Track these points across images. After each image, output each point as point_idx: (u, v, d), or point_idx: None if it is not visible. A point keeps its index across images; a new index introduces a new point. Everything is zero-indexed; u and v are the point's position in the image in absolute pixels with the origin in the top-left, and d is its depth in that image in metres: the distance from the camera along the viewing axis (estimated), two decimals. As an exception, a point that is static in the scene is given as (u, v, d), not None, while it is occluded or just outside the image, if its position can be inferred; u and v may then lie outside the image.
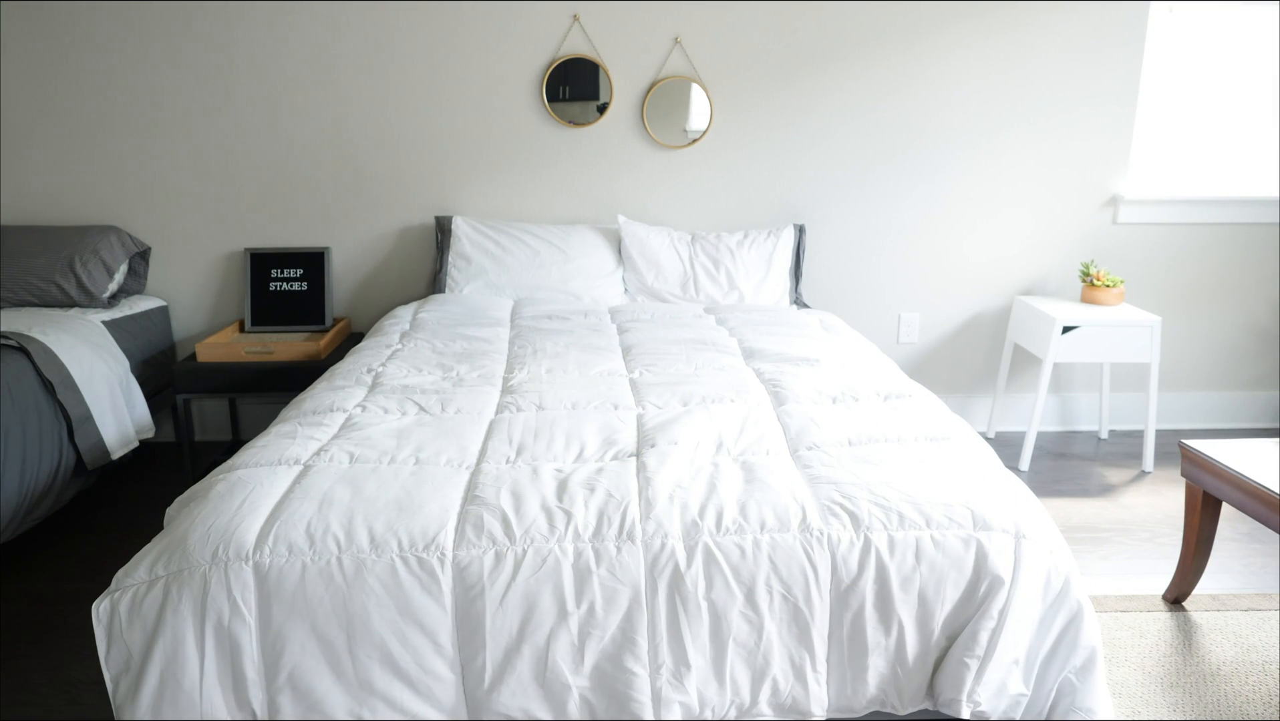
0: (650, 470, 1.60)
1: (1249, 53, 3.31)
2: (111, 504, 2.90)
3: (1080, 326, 3.04)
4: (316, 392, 2.06)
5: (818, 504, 1.50)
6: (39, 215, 3.21)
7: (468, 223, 3.16)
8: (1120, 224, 3.38)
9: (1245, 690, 1.93)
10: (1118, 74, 3.21)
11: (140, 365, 3.02)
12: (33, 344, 2.49)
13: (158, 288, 3.30)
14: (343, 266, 3.33)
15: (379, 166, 3.23)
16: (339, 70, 3.13)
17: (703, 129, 3.22)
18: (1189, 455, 2.19)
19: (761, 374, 2.14)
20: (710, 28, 3.14)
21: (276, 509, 1.49)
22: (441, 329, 2.57)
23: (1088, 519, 2.76)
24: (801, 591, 1.42)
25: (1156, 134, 3.37)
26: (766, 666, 1.43)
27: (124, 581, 1.41)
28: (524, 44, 3.13)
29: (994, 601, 1.43)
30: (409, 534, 1.43)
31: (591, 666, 1.41)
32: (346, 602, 1.38)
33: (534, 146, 3.23)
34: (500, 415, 1.91)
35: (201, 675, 1.38)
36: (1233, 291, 3.46)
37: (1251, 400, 3.56)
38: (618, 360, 2.26)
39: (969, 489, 1.55)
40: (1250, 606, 2.25)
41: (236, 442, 3.38)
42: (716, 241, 3.09)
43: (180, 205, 3.23)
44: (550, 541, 1.43)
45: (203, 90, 3.13)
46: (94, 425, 2.57)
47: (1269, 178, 3.40)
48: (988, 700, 1.45)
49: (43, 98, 3.11)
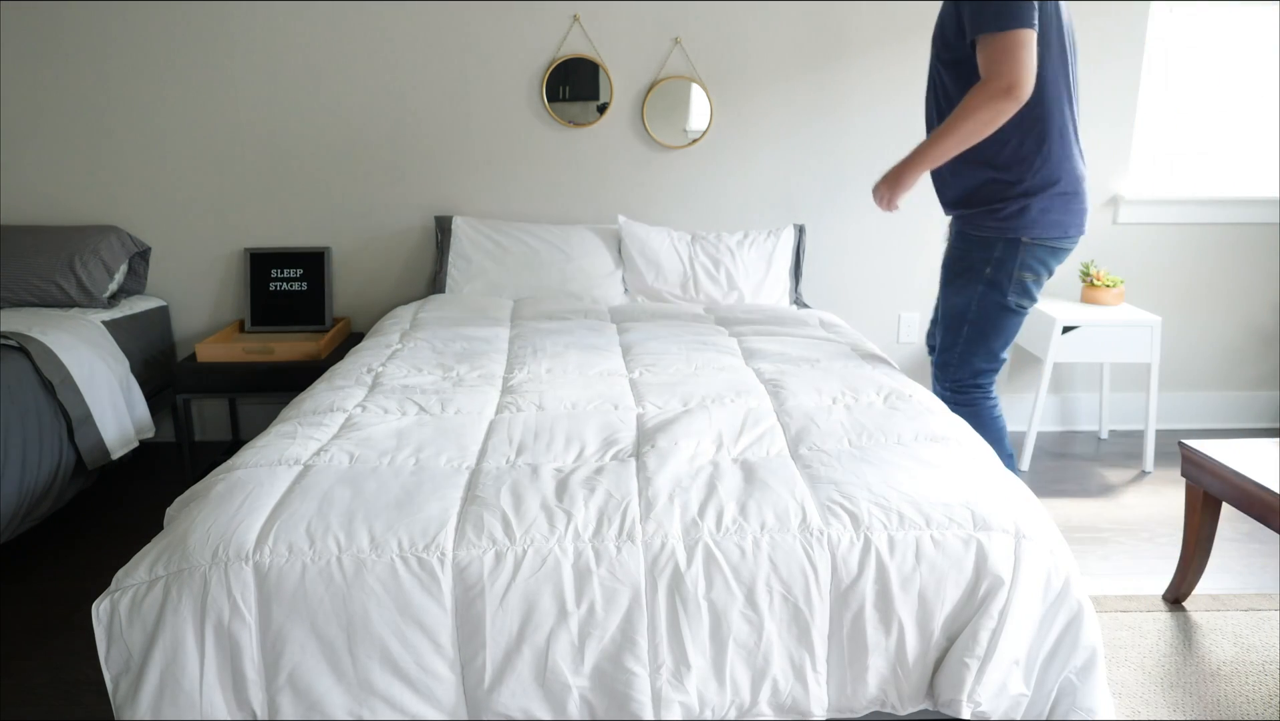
0: (650, 470, 1.60)
1: (1249, 53, 3.31)
2: (111, 504, 2.90)
3: (1080, 326, 3.04)
4: (316, 393, 2.06)
5: (818, 504, 1.50)
6: (39, 215, 3.21)
7: (468, 223, 3.16)
8: (1120, 224, 3.38)
9: (1245, 690, 1.93)
10: (1118, 74, 3.21)
11: (140, 365, 3.02)
12: (33, 344, 2.49)
13: (158, 288, 3.30)
14: (343, 266, 3.33)
15: (379, 166, 3.23)
16: (339, 70, 3.13)
17: (703, 129, 3.22)
18: (1189, 455, 2.19)
19: (761, 373, 2.14)
20: (710, 28, 3.14)
21: (276, 509, 1.49)
22: (441, 329, 2.57)
23: (1088, 519, 2.76)
24: (801, 591, 1.42)
25: (1156, 134, 3.37)
26: (766, 666, 1.43)
27: (124, 581, 1.41)
28: (524, 44, 3.13)
29: (994, 601, 1.43)
30: (409, 534, 1.43)
31: (591, 666, 1.41)
32: (346, 602, 1.38)
33: (534, 146, 3.23)
34: (500, 415, 1.91)
35: (201, 675, 1.38)
36: (1233, 291, 3.46)
37: (1251, 400, 3.56)
38: (618, 360, 2.26)
39: (969, 489, 1.55)
40: (1250, 606, 2.25)
41: (236, 442, 3.38)
42: (716, 241, 3.09)
43: (180, 205, 3.23)
44: (550, 541, 1.43)
45: (203, 90, 3.13)
46: (94, 425, 2.57)
47: (1269, 178, 3.40)
48: (988, 700, 1.45)
49: (43, 98, 3.11)
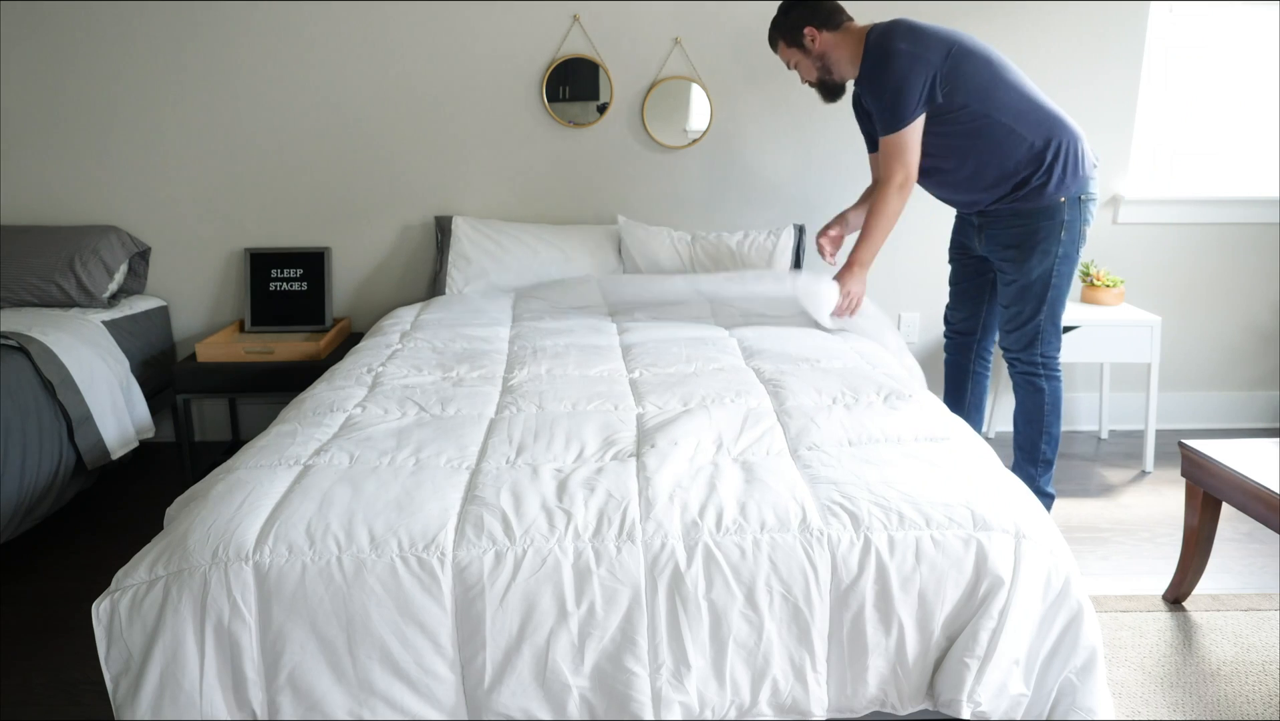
0: (650, 470, 1.60)
1: (1249, 53, 3.31)
2: (111, 504, 2.90)
3: (1080, 326, 3.04)
4: (316, 393, 2.06)
5: (818, 504, 1.50)
6: (39, 215, 3.21)
7: (468, 222, 3.16)
8: (1120, 224, 3.38)
9: (1245, 690, 1.93)
10: (1118, 74, 3.21)
11: (140, 365, 3.02)
12: (33, 344, 2.49)
13: (158, 288, 3.30)
14: (343, 266, 3.33)
15: (379, 166, 3.23)
16: (339, 70, 3.13)
17: (703, 129, 3.22)
18: (1189, 455, 2.19)
19: (762, 373, 2.14)
20: (710, 28, 3.14)
21: (276, 509, 1.49)
22: (441, 329, 2.57)
23: (1088, 519, 2.76)
24: (801, 591, 1.42)
25: (1156, 134, 3.37)
26: (766, 666, 1.43)
27: (124, 581, 1.41)
28: (524, 44, 3.13)
29: (994, 601, 1.43)
30: (409, 534, 1.43)
31: (591, 666, 1.41)
32: (346, 602, 1.38)
33: (534, 146, 3.23)
34: (500, 415, 1.91)
35: (201, 675, 1.38)
36: (1233, 291, 3.46)
37: (1251, 400, 3.56)
38: (618, 360, 2.26)
39: (969, 489, 1.55)
40: (1250, 606, 2.25)
41: (236, 442, 3.38)
42: (716, 241, 3.09)
43: (180, 205, 3.23)
44: (550, 541, 1.43)
45: (203, 90, 3.13)
46: (94, 425, 2.57)
47: (1269, 178, 3.40)
48: (988, 700, 1.45)
49: (43, 98, 3.11)
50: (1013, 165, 2.38)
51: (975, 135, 2.37)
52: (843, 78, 2.54)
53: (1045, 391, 2.54)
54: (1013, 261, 2.46)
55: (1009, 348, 2.57)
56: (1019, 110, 2.35)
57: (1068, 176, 2.37)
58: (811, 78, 2.57)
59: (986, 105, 2.34)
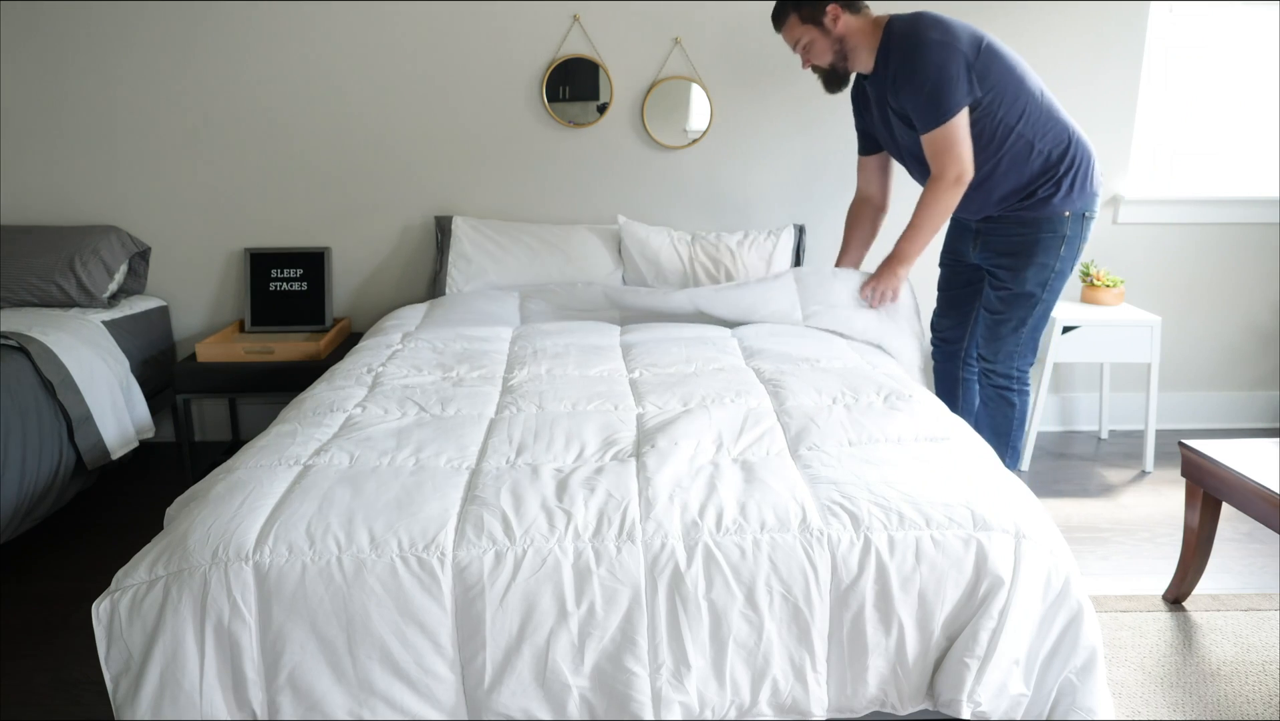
0: (650, 470, 1.60)
1: (1249, 53, 3.31)
2: (111, 504, 2.90)
3: (1080, 326, 3.05)
4: (316, 393, 2.06)
5: (818, 504, 1.50)
6: (39, 215, 3.21)
7: (468, 222, 3.16)
8: (1120, 224, 3.38)
9: (1245, 690, 1.93)
10: (1118, 74, 3.21)
11: (140, 365, 3.02)
12: (33, 344, 2.49)
13: (158, 288, 3.30)
14: (343, 266, 3.33)
15: (379, 166, 3.23)
16: (339, 70, 3.13)
17: (703, 129, 3.22)
18: (1189, 455, 2.19)
19: (762, 373, 2.14)
20: (710, 28, 3.14)
21: (276, 509, 1.49)
22: (441, 329, 2.57)
23: (1088, 519, 2.76)
24: (801, 591, 1.42)
25: (1156, 134, 3.37)
26: (766, 666, 1.44)
27: (124, 581, 1.41)
28: (524, 44, 3.13)
29: (994, 601, 1.43)
30: (409, 534, 1.43)
31: (591, 666, 1.41)
32: (346, 602, 1.38)
33: (534, 146, 3.23)
34: (500, 415, 1.91)
35: (201, 675, 1.38)
36: (1233, 291, 3.46)
37: (1251, 400, 3.56)
38: (618, 360, 2.26)
39: (969, 489, 1.55)
40: (1250, 606, 2.25)
41: (236, 442, 3.38)
42: (716, 241, 3.09)
43: (180, 205, 3.23)
44: (550, 541, 1.43)
45: (203, 90, 3.13)
46: (94, 425, 2.57)
47: (1269, 178, 3.39)
48: (988, 700, 1.45)
49: (43, 98, 3.11)
50: (1027, 178, 2.33)
51: (995, 148, 2.30)
52: (855, 67, 2.42)
53: (1016, 406, 2.53)
54: (1008, 270, 2.42)
55: (986, 357, 2.53)
56: (1039, 122, 2.29)
57: (1075, 191, 2.33)
58: (825, 61, 2.41)
59: (1011, 114, 2.26)
